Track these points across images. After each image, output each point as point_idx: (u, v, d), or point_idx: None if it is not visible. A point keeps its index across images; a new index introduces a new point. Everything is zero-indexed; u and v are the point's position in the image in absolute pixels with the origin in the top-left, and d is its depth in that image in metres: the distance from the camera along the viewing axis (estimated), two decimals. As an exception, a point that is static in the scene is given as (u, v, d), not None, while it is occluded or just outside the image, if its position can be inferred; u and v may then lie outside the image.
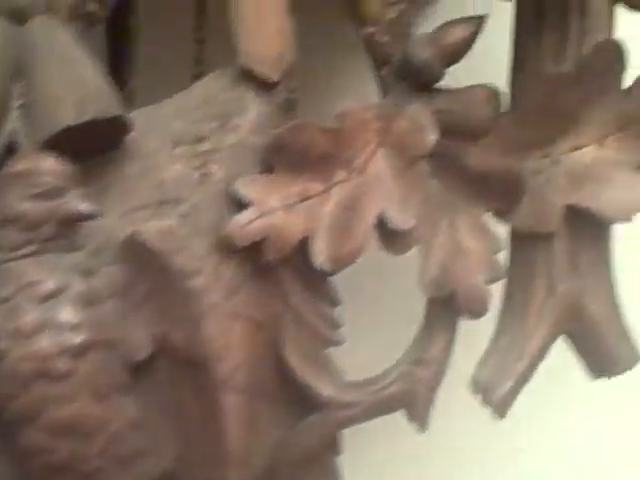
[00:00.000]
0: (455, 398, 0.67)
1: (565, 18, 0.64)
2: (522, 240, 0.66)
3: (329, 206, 0.62)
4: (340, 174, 0.63)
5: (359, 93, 0.65)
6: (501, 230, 0.65)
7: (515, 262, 0.66)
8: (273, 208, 0.61)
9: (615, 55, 0.62)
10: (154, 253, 0.56)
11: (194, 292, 0.58)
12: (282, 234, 0.61)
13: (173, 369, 0.58)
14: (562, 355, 0.67)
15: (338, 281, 0.64)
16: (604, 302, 0.66)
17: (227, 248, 0.60)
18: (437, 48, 0.62)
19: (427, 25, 0.64)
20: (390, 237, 0.63)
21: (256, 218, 0.60)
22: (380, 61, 0.64)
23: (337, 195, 0.63)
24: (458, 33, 0.62)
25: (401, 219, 0.62)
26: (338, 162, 0.63)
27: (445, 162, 0.64)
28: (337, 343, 0.65)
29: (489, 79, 0.64)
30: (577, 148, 0.64)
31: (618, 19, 0.65)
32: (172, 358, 0.57)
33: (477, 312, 0.62)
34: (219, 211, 0.61)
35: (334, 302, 0.64)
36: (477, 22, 0.61)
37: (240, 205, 0.60)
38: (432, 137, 0.62)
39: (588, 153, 0.64)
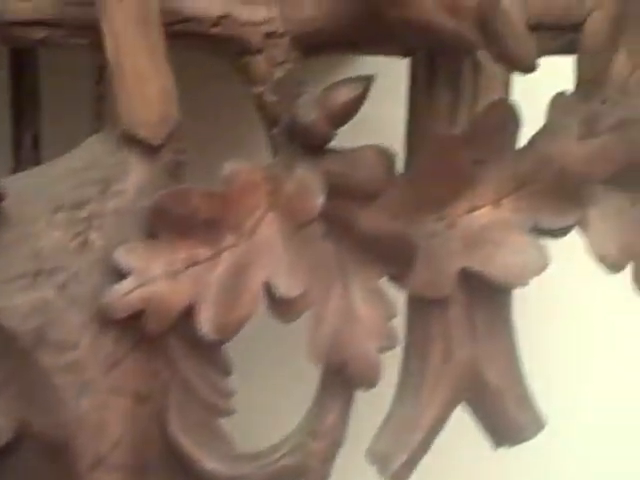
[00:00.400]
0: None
1: (458, 78, 0.63)
2: (418, 305, 0.64)
3: (217, 272, 0.60)
4: (229, 239, 0.61)
5: (253, 153, 0.63)
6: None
7: (412, 327, 0.64)
8: (155, 276, 0.58)
9: (508, 115, 0.61)
10: (13, 333, 0.53)
11: (68, 368, 0.56)
12: (164, 304, 0.58)
13: (41, 452, 0.55)
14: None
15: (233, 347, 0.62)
16: (503, 369, 0.63)
17: (106, 319, 0.58)
18: (324, 110, 0.60)
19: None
20: (279, 304, 0.60)
21: (136, 287, 0.58)
22: (270, 121, 0.63)
23: (226, 261, 0.60)
24: (345, 94, 0.59)
25: (288, 286, 0.60)
26: (226, 226, 0.60)
27: (338, 224, 0.62)
28: (228, 413, 0.62)
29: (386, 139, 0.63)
30: (473, 210, 0.62)
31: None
32: (40, 441, 0.55)
33: (368, 382, 0.60)
34: (99, 281, 0.59)
35: (225, 371, 0.62)
36: (365, 82, 0.59)
37: (120, 274, 0.58)
38: (319, 201, 0.60)
39: (484, 215, 0.62)
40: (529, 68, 0.57)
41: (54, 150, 0.63)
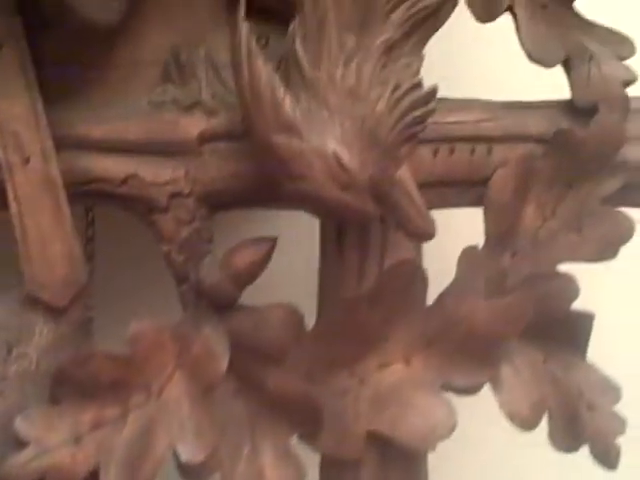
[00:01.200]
0: None
1: (366, 235, 0.62)
2: (330, 465, 0.62)
3: (123, 435, 0.59)
4: (137, 399, 0.60)
5: (166, 309, 0.62)
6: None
7: (326, 486, 0.63)
8: (55, 445, 0.57)
9: (415, 274, 0.60)
10: None
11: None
12: (64, 472, 0.57)
13: None
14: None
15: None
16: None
17: (5, 490, 0.57)
18: (228, 271, 0.59)
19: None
20: (185, 468, 0.59)
21: (34, 458, 0.57)
22: (179, 279, 0.62)
23: (133, 422, 0.59)
24: (249, 256, 0.59)
25: (192, 451, 0.58)
26: (134, 386, 0.59)
27: (248, 383, 0.61)
28: None
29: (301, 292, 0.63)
30: (384, 366, 0.61)
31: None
32: None
33: None
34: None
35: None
36: (269, 244, 0.59)
37: (21, 443, 0.57)
38: (224, 364, 0.59)
39: (395, 372, 0.61)
40: (428, 236, 0.57)
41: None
